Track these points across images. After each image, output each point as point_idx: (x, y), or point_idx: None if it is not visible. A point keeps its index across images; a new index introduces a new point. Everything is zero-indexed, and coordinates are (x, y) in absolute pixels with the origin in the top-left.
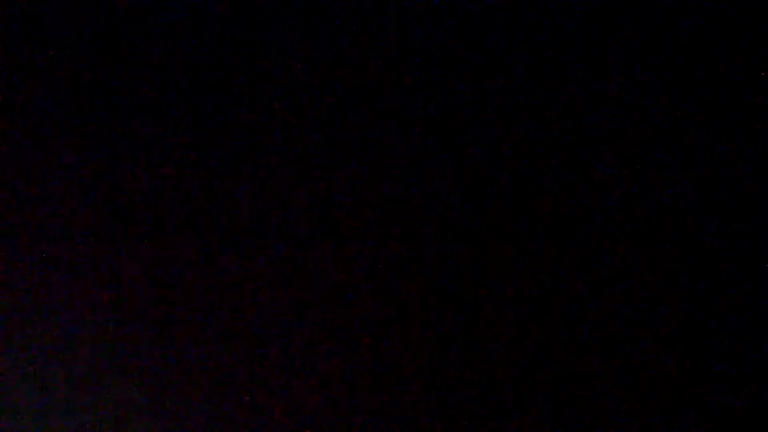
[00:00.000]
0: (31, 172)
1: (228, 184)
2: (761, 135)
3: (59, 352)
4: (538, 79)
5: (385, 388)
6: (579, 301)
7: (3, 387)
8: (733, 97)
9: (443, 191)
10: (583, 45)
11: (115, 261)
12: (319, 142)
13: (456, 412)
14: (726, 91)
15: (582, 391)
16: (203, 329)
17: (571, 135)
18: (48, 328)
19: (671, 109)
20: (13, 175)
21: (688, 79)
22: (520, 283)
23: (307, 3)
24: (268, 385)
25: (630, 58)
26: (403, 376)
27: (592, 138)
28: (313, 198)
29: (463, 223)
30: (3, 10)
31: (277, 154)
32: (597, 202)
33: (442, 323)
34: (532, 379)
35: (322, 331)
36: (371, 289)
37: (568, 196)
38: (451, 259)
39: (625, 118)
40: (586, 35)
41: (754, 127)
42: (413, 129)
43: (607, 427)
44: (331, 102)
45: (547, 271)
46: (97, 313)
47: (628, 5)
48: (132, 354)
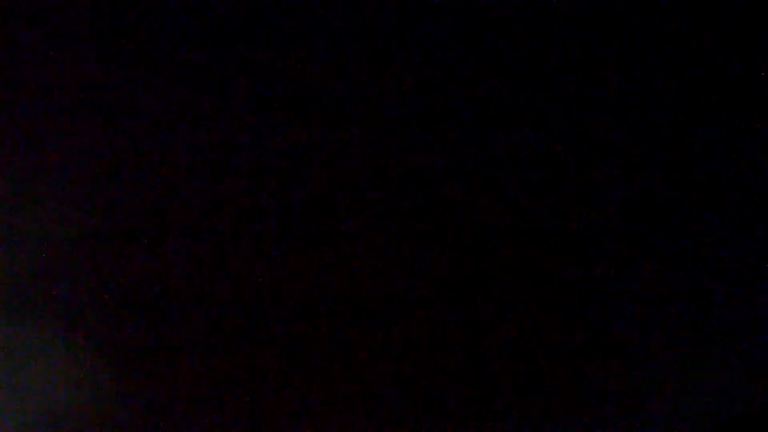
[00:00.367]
0: (31, 172)
1: (228, 183)
2: (761, 135)
3: (58, 351)
4: (538, 79)
5: (385, 389)
6: (579, 301)
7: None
8: (734, 96)
9: (443, 191)
10: (584, 45)
11: (116, 261)
12: (319, 142)
13: (456, 412)
14: (726, 90)
15: (582, 390)
16: (204, 329)
17: (572, 135)
18: (48, 328)
19: (672, 108)
20: (13, 175)
21: (688, 79)
22: (521, 283)
23: (307, 3)
24: (268, 385)
25: (630, 57)
26: (403, 376)
27: (592, 138)
28: (314, 198)
29: (464, 223)
30: (3, 10)
31: (277, 154)
32: (597, 201)
33: (443, 323)
34: (532, 379)
35: (322, 330)
36: (372, 289)
37: (568, 195)
38: (452, 258)
39: (626, 118)
40: (587, 35)
41: (754, 127)
42: (413, 129)
43: (607, 427)
44: (330, 102)
45: (547, 270)
46: (97, 313)
47: (629, 5)
48: (132, 353)
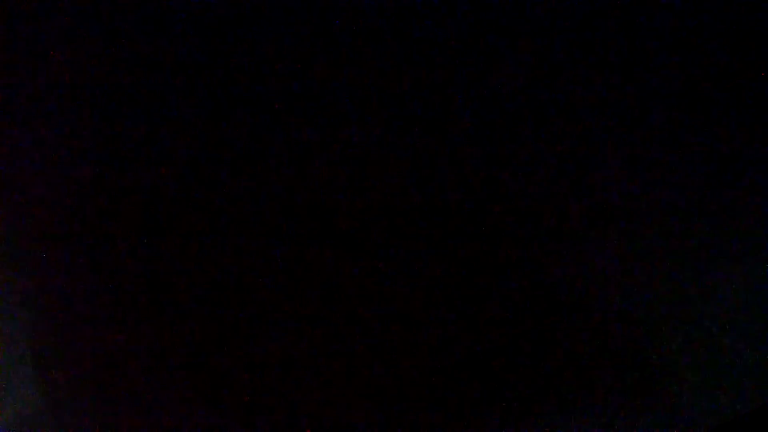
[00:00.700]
0: (31, 172)
1: (228, 183)
2: (761, 135)
3: (58, 351)
4: (537, 79)
5: (384, 388)
6: (579, 301)
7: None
8: (733, 96)
9: (443, 191)
10: (584, 45)
11: (115, 261)
12: (319, 141)
13: (456, 412)
14: (726, 91)
15: (582, 390)
16: (203, 329)
17: (571, 135)
18: (48, 327)
19: (672, 109)
20: (13, 175)
21: (688, 79)
22: (521, 282)
23: (307, 3)
24: (268, 385)
25: (630, 58)
26: (403, 376)
27: (592, 138)
28: (313, 198)
29: (463, 223)
30: (3, 10)
31: (277, 154)
32: (598, 202)
33: (443, 323)
34: (532, 379)
35: (321, 331)
36: (371, 289)
37: (568, 195)
38: (452, 258)
39: (626, 118)
40: (587, 35)
41: (754, 127)
42: (413, 129)
43: (607, 427)
44: (331, 102)
45: (547, 270)
46: (97, 313)
47: (629, 5)
48: (132, 353)
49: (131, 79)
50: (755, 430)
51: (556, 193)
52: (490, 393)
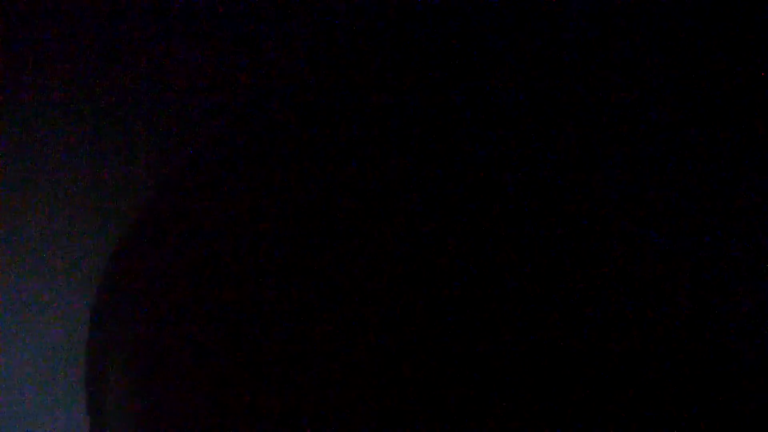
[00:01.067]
0: (31, 172)
1: (228, 183)
2: (761, 135)
3: (60, 352)
4: (537, 79)
5: (384, 388)
6: (579, 300)
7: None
8: (733, 97)
9: (443, 191)
10: (584, 45)
11: (115, 260)
12: (318, 141)
13: (456, 412)
14: (727, 90)
15: (581, 390)
16: (203, 329)
17: (572, 135)
18: (48, 328)
19: (672, 109)
20: (13, 175)
21: (688, 79)
22: (521, 282)
23: (307, 3)
24: (268, 385)
25: (630, 58)
26: (403, 376)
27: (593, 138)
28: (313, 198)
29: (464, 223)
30: (3, 10)
31: (277, 154)
32: (598, 201)
33: (443, 323)
34: (531, 380)
35: (322, 331)
36: (371, 289)
37: (568, 195)
38: (452, 258)
39: (626, 118)
40: (587, 35)
41: (754, 128)
42: (413, 129)
43: (607, 426)
44: (330, 102)
45: (547, 270)
46: (97, 312)
47: (629, 5)
48: (131, 353)
49: (132, 79)
50: (755, 431)
51: (558, 193)
52: (490, 393)
